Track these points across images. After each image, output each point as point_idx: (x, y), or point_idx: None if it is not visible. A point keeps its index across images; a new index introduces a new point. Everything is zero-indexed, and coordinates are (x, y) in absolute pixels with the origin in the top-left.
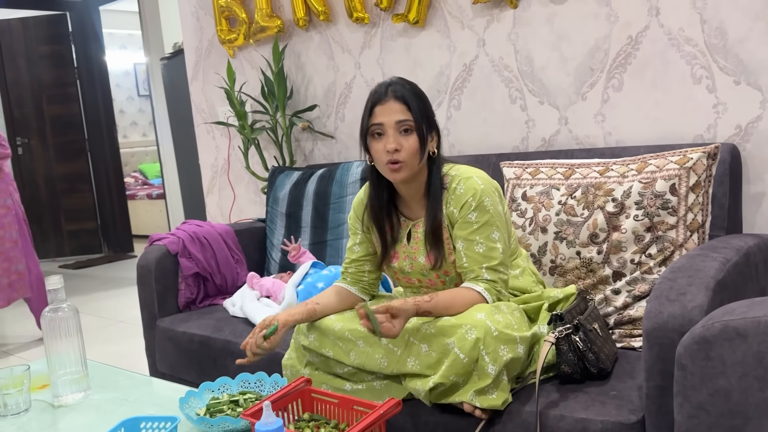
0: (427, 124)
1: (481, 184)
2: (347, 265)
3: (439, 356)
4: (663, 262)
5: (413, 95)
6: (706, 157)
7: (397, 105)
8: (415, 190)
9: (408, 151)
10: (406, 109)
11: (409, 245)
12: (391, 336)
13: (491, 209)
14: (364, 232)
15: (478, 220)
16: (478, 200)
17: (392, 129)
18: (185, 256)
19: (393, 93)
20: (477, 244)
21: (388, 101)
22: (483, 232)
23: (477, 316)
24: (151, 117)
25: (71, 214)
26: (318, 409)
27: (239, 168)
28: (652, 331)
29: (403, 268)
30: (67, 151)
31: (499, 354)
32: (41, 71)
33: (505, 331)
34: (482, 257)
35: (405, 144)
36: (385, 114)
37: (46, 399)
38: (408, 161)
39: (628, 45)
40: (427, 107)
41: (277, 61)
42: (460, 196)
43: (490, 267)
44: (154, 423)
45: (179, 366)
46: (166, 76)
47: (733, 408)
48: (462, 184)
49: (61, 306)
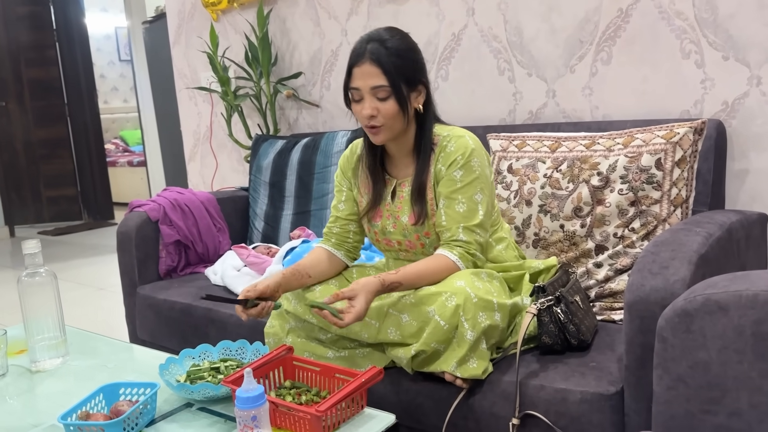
0: (409, 83)
1: (472, 144)
2: (332, 224)
3: (420, 325)
4: (646, 236)
5: (392, 55)
6: (692, 132)
7: (373, 68)
8: (402, 146)
9: (385, 116)
10: (382, 73)
11: (393, 204)
12: (357, 318)
13: (478, 170)
14: (350, 190)
15: (463, 179)
16: (466, 159)
17: (368, 94)
18: (166, 223)
19: (370, 55)
20: (458, 203)
21: (364, 63)
22: (466, 191)
23: (457, 284)
24: (133, 82)
25: (50, 180)
26: (300, 377)
27: (222, 135)
28: (633, 304)
29: (385, 228)
30: (46, 116)
31: (478, 321)
32: (19, 33)
33: (485, 297)
34: (461, 216)
35: (382, 109)
36: (360, 77)
37: (23, 364)
38: (387, 124)
39: (618, 18)
40: (408, 66)
41: (261, 26)
42: (450, 153)
43: (467, 227)
44: (133, 389)
45: (160, 333)
46: (147, 40)
47: (711, 380)
48: (453, 142)
49: (38, 271)
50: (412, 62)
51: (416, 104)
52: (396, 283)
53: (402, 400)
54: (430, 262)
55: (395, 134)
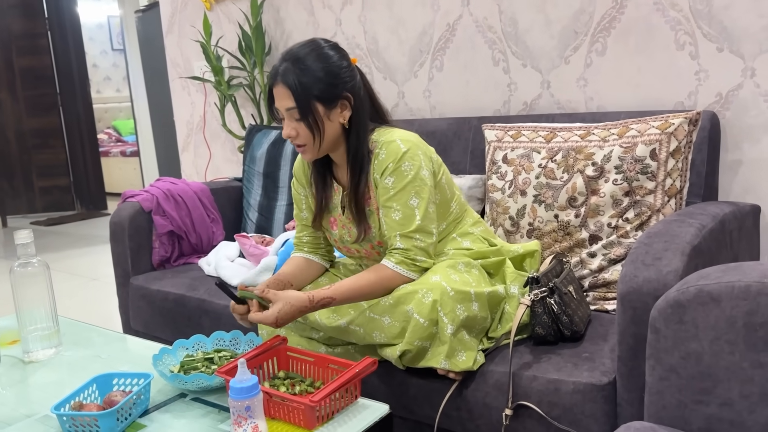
0: (326, 102)
1: (403, 147)
2: (300, 234)
3: (402, 325)
4: (640, 226)
5: (304, 74)
6: (687, 122)
7: (284, 90)
8: (341, 156)
9: (304, 137)
10: (291, 96)
11: (344, 215)
12: (262, 321)
13: (410, 174)
14: (308, 196)
15: (395, 186)
16: (396, 164)
17: (286, 116)
18: (159, 213)
19: (280, 77)
20: (393, 210)
21: (277, 85)
22: (400, 198)
23: (432, 279)
24: (125, 72)
25: (43, 169)
26: (294, 368)
27: (215, 125)
28: (626, 295)
29: (342, 237)
30: (38, 105)
31: (456, 313)
32: (10, 21)
33: (461, 288)
34: (397, 224)
35: (300, 129)
36: (277, 99)
37: (16, 355)
38: (309, 144)
39: (613, 9)
40: (323, 85)
41: (255, 15)
42: (382, 161)
43: (404, 234)
44: (126, 379)
45: (153, 324)
46: (140, 29)
47: (703, 370)
48: (384, 149)
49: (30, 261)
50: (327, 79)
51: (340, 119)
52: (328, 299)
53: (395, 391)
54: (367, 275)
55: (323, 151)
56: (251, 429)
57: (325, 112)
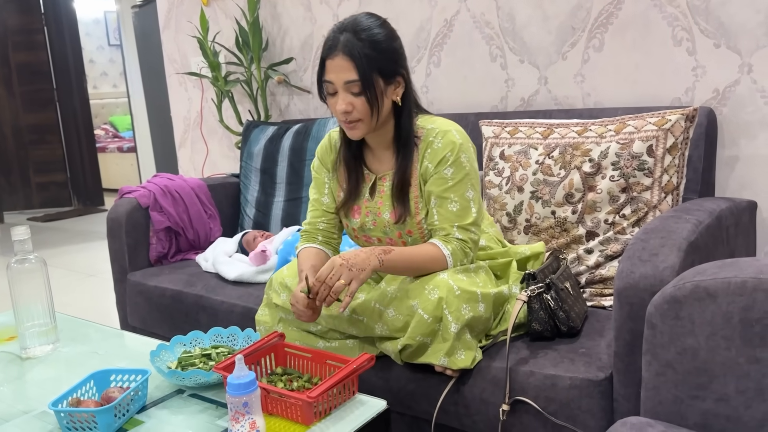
0: (386, 76)
1: (459, 139)
2: (316, 219)
3: (406, 319)
4: (636, 222)
5: (366, 47)
6: (684, 119)
7: (346, 62)
8: (381, 139)
9: (360, 111)
10: (354, 68)
11: (372, 200)
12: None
13: (468, 166)
14: (332, 180)
15: (454, 177)
16: (456, 156)
17: (342, 89)
18: (156, 209)
19: (342, 47)
20: (451, 201)
21: (336, 56)
22: (458, 189)
23: (440, 276)
24: (122, 67)
25: (40, 165)
26: (291, 364)
27: (212, 121)
28: (623, 291)
29: (364, 225)
30: (34, 101)
31: (461, 313)
32: (6, 16)
33: (468, 288)
34: (455, 216)
35: (357, 104)
36: (333, 71)
37: (13, 351)
38: (364, 119)
39: (611, 4)
40: (384, 58)
41: (252, 11)
42: (437, 150)
43: (462, 226)
44: (124, 375)
45: (151, 320)
46: (137, 25)
47: (699, 366)
48: (440, 138)
49: (27, 257)
50: (388, 54)
51: (394, 97)
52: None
53: (393, 387)
54: (424, 250)
55: (373, 128)
56: (249, 425)
57: (384, 88)
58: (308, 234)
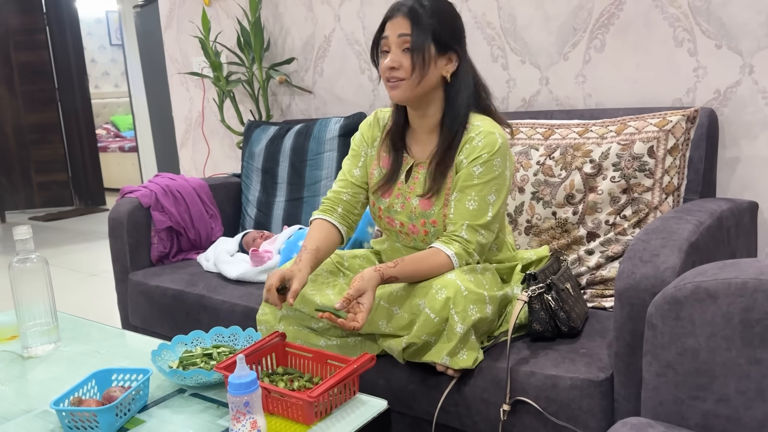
0: (438, 45)
1: (500, 143)
2: (342, 189)
3: (411, 317)
4: (637, 223)
5: (427, 14)
6: (685, 120)
7: (404, 21)
8: (425, 120)
9: (405, 71)
10: (410, 26)
11: (406, 184)
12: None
13: (498, 171)
14: (369, 156)
15: (481, 177)
16: (490, 157)
17: (395, 45)
18: (158, 209)
19: (405, 8)
20: (470, 199)
21: (397, 17)
22: (481, 189)
23: (447, 276)
24: (124, 67)
25: (41, 165)
26: (292, 363)
27: (214, 121)
28: (624, 291)
29: (392, 206)
30: (36, 100)
31: (468, 313)
32: (8, 16)
33: (476, 290)
34: (469, 213)
35: (404, 61)
36: (391, 28)
37: (15, 350)
38: (408, 80)
39: (612, 5)
40: (441, 28)
41: (253, 11)
42: (475, 147)
43: (471, 225)
44: (125, 375)
45: (152, 320)
46: (139, 24)
47: (700, 367)
48: (482, 137)
49: (29, 256)
50: (446, 25)
51: (444, 71)
52: (393, 278)
53: (394, 387)
54: (428, 258)
55: (415, 94)
56: (250, 424)
57: (435, 55)
58: (330, 202)
